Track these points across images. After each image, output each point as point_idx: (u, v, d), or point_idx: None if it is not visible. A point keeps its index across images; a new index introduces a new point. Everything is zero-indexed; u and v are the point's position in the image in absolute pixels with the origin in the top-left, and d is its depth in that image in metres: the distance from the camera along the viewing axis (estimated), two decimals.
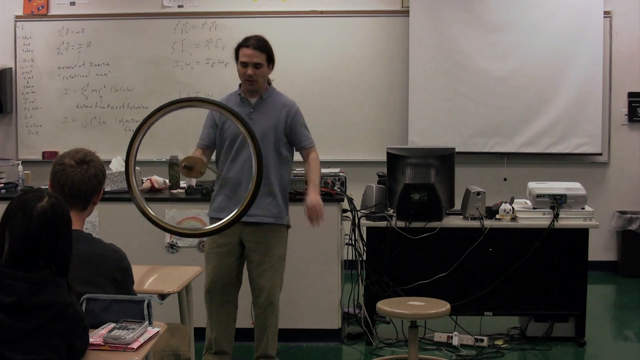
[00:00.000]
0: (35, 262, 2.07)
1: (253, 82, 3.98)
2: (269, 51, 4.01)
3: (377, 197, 4.83)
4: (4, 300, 1.99)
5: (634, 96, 6.87)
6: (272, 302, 4.10)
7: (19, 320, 2.00)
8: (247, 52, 3.94)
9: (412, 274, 4.77)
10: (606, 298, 6.38)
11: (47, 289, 2.05)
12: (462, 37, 6.74)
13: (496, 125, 6.76)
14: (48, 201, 2.15)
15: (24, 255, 2.07)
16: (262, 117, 4.01)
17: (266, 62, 3.99)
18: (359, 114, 6.90)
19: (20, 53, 7.04)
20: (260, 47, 3.96)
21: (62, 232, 2.16)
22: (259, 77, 3.98)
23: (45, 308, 2.04)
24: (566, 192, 4.77)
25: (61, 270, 2.13)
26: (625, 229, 6.73)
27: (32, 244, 2.08)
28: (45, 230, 2.11)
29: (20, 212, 2.11)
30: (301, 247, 4.85)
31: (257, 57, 3.95)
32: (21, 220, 2.09)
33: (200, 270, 3.69)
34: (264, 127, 3.98)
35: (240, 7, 6.92)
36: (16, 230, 2.08)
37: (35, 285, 2.03)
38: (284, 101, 4.12)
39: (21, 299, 2.00)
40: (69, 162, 2.56)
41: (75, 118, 7.04)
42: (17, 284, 2.01)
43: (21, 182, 5.30)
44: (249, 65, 3.94)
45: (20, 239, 2.08)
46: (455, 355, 4.63)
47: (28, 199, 2.14)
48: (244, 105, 4.02)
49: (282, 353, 4.73)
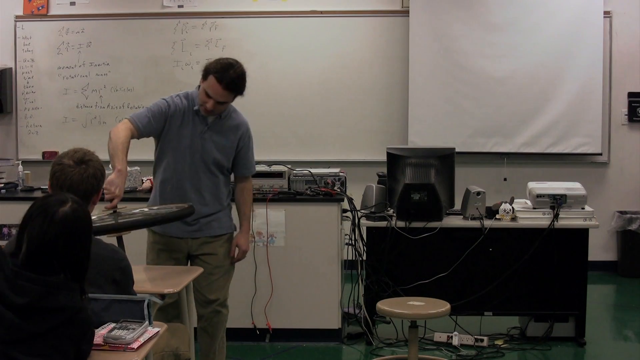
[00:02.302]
0: (50, 265, 2.06)
1: (210, 113, 3.69)
2: (241, 91, 3.67)
3: (377, 197, 4.82)
4: (17, 301, 1.99)
5: (634, 96, 6.87)
6: (220, 311, 3.88)
7: (30, 322, 1.99)
8: (216, 89, 3.59)
9: (412, 274, 4.77)
10: (606, 298, 6.38)
11: (59, 293, 2.04)
12: (462, 37, 6.74)
13: (496, 125, 6.76)
14: (70, 206, 2.13)
15: (40, 258, 2.06)
16: (215, 136, 3.76)
17: (232, 99, 3.69)
18: (359, 114, 6.90)
19: (20, 53, 7.04)
20: (232, 88, 3.61)
21: (81, 238, 2.15)
22: (219, 111, 3.70)
23: (57, 312, 2.03)
24: (566, 192, 4.77)
25: (76, 275, 2.12)
26: (625, 229, 6.73)
27: (50, 248, 2.07)
28: (64, 235, 2.09)
29: (41, 215, 2.09)
30: (301, 247, 4.86)
31: (224, 97, 3.62)
32: (41, 223, 2.08)
33: (201, 270, 3.69)
34: (216, 146, 3.76)
35: (240, 7, 6.92)
36: (35, 233, 2.07)
37: (48, 288, 2.02)
38: (239, 121, 3.84)
39: (33, 301, 1.99)
40: (68, 162, 2.56)
41: (75, 118, 7.04)
42: (31, 286, 2.00)
43: (21, 182, 5.30)
44: (212, 99, 3.62)
45: (38, 242, 2.06)
46: (455, 355, 4.63)
47: (50, 202, 2.13)
48: (199, 121, 3.73)
49: (282, 353, 4.73)
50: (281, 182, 4.90)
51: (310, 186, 4.92)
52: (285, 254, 4.86)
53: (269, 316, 4.85)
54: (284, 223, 4.84)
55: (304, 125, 6.91)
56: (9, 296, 1.98)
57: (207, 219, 3.81)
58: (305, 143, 6.91)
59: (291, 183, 4.96)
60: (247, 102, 4.12)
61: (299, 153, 6.79)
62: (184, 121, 3.73)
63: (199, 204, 3.75)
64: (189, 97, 3.78)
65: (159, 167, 3.84)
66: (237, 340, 4.77)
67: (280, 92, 6.89)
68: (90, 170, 2.57)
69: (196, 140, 3.73)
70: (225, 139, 3.79)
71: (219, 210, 3.84)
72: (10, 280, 1.99)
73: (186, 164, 3.75)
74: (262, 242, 4.81)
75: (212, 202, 3.82)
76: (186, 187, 3.76)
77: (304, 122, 6.91)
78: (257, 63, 6.85)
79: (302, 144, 6.91)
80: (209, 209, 3.80)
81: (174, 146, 3.75)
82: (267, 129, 6.85)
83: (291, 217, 4.83)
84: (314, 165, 5.26)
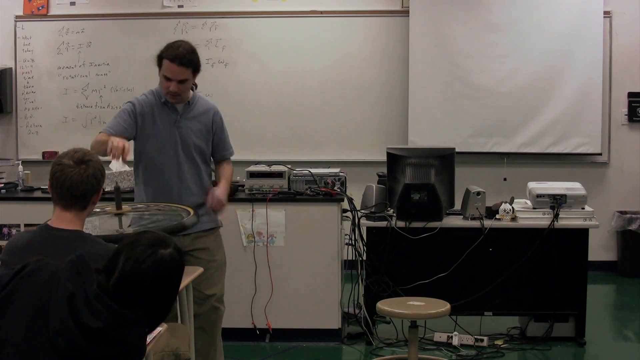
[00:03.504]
0: (132, 300, 2.02)
1: (176, 97, 3.73)
2: (195, 64, 3.70)
3: (377, 197, 4.82)
4: (90, 323, 1.95)
5: (634, 96, 6.87)
6: (218, 307, 3.92)
7: (93, 346, 1.96)
8: (172, 69, 3.64)
9: (412, 274, 4.77)
10: (606, 298, 6.38)
11: (131, 328, 2.02)
12: (462, 37, 6.74)
13: (496, 125, 6.76)
14: (170, 253, 2.08)
15: (125, 289, 2.02)
16: (189, 122, 3.82)
17: (192, 75, 3.71)
18: (359, 114, 6.90)
19: (20, 53, 7.04)
20: (186, 63, 3.64)
21: (168, 285, 2.10)
22: (183, 91, 3.73)
23: (121, 344, 2.01)
24: (566, 192, 4.77)
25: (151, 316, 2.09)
26: (625, 229, 6.73)
27: (137, 284, 2.03)
28: (154, 278, 2.05)
29: (142, 249, 2.05)
30: (301, 247, 4.86)
31: (182, 74, 3.65)
32: (139, 255, 2.05)
33: (201, 270, 3.69)
34: (193, 132, 3.82)
35: (240, 7, 6.92)
36: (129, 265, 2.03)
37: (122, 321, 1.99)
38: (208, 106, 3.91)
39: (106, 328, 1.96)
40: (68, 162, 2.55)
41: (75, 118, 7.04)
42: (107, 313, 1.97)
43: (21, 182, 5.30)
44: (172, 80, 3.67)
45: (128, 275, 2.03)
46: (455, 355, 4.63)
47: (157, 239, 2.09)
48: (170, 111, 3.79)
49: (282, 353, 4.74)
50: (281, 182, 4.90)
51: (310, 186, 4.92)
52: (285, 254, 4.86)
53: (269, 316, 4.85)
54: (284, 223, 4.84)
55: (304, 125, 6.91)
56: (85, 316, 1.95)
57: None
58: (305, 143, 6.91)
59: (291, 183, 4.95)
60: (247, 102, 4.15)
61: (299, 153, 6.78)
62: (154, 115, 3.78)
63: (185, 195, 3.78)
64: (155, 92, 3.85)
65: (140, 165, 3.86)
66: (237, 340, 4.78)
67: (280, 92, 6.88)
68: (90, 170, 2.57)
69: (172, 130, 3.79)
70: (199, 122, 3.85)
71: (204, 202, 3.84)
72: (90, 301, 1.97)
73: (167, 156, 3.78)
74: (262, 242, 4.81)
75: (198, 192, 3.85)
76: (171, 179, 3.79)
77: (304, 122, 6.91)
78: (257, 63, 6.86)
79: (302, 144, 6.91)
80: (196, 198, 3.81)
81: (151, 141, 3.79)
82: (267, 129, 6.86)
83: (291, 217, 4.83)
84: (314, 165, 5.26)
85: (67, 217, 2.53)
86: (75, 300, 1.96)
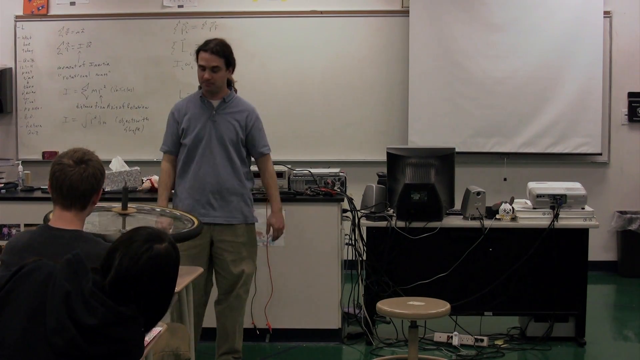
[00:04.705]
0: (127, 296, 2.02)
1: (210, 84, 4.06)
2: (227, 55, 4.07)
3: (377, 197, 4.82)
4: (86, 321, 1.95)
5: (634, 96, 6.87)
6: (241, 295, 4.19)
7: (91, 344, 1.96)
8: (204, 56, 4.03)
9: (412, 274, 4.76)
10: (606, 298, 6.38)
11: (128, 326, 2.02)
12: (462, 37, 6.74)
13: (496, 125, 6.76)
14: (166, 247, 2.09)
15: (121, 285, 2.02)
16: (224, 119, 4.11)
17: (224, 65, 4.06)
18: (359, 114, 6.90)
19: (20, 53, 7.04)
20: (218, 52, 4.03)
21: (163, 280, 2.10)
22: (216, 80, 4.05)
23: (118, 341, 2.01)
24: (566, 192, 4.77)
25: (148, 312, 2.08)
26: (625, 229, 6.73)
27: (132, 279, 2.03)
28: (150, 273, 2.05)
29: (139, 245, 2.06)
30: (301, 247, 4.86)
31: (214, 61, 4.02)
32: (135, 251, 2.05)
33: (201, 270, 3.69)
34: (227, 128, 4.10)
35: (240, 7, 6.92)
36: (126, 261, 2.03)
37: (118, 318, 1.99)
38: (245, 106, 4.21)
39: (101, 325, 1.97)
40: (67, 162, 2.55)
41: (75, 118, 7.04)
42: (103, 310, 1.97)
43: (21, 182, 5.30)
44: (206, 68, 4.03)
45: (125, 272, 2.03)
46: (455, 355, 4.63)
47: (152, 234, 2.09)
48: (206, 107, 4.13)
49: (282, 353, 4.74)
50: (281, 182, 4.89)
51: (310, 186, 4.92)
52: (285, 254, 4.86)
53: (269, 316, 4.85)
54: None
55: (304, 125, 6.91)
56: (81, 314, 1.95)
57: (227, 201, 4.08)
58: (305, 143, 6.91)
59: (291, 183, 4.96)
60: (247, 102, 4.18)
61: (299, 153, 6.78)
62: (192, 110, 4.11)
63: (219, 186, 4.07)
64: (192, 95, 4.23)
65: (181, 157, 4.14)
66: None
67: (280, 92, 6.89)
68: (90, 170, 2.57)
69: (208, 123, 4.08)
70: (233, 119, 4.13)
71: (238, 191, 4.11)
72: (86, 298, 1.97)
73: (202, 148, 4.07)
74: (262, 242, 4.81)
75: (232, 184, 4.10)
76: (206, 170, 4.06)
77: (304, 122, 6.91)
78: (257, 63, 6.86)
79: (302, 144, 6.91)
80: (229, 191, 4.09)
81: (189, 135, 4.09)
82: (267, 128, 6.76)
83: (291, 217, 4.82)
84: (314, 165, 5.26)
85: (67, 217, 2.53)
86: (71, 298, 1.97)
